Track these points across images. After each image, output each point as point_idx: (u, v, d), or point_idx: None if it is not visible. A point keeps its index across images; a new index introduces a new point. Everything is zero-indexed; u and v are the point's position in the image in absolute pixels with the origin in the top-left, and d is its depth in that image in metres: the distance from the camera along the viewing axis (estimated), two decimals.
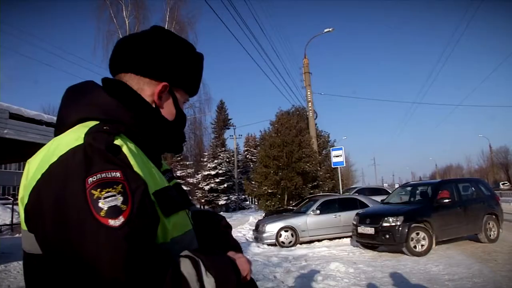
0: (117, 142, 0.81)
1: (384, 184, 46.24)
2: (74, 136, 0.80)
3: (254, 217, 19.05)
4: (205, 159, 38.02)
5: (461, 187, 9.84)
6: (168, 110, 1.02)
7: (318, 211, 11.24)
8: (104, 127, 0.83)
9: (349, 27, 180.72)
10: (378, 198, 12.82)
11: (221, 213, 32.52)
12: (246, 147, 52.86)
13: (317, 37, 24.07)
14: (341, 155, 17.22)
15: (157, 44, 1.00)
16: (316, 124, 23.10)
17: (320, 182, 19.98)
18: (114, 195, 0.74)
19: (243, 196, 41.13)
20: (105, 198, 0.73)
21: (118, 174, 0.76)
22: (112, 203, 0.73)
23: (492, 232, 9.36)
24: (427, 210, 8.73)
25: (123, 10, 22.19)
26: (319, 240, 11.15)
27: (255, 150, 44.76)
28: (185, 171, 34.55)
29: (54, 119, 8.92)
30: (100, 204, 0.72)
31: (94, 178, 0.74)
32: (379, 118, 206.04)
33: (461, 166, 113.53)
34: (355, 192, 17.40)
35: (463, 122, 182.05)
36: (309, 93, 22.40)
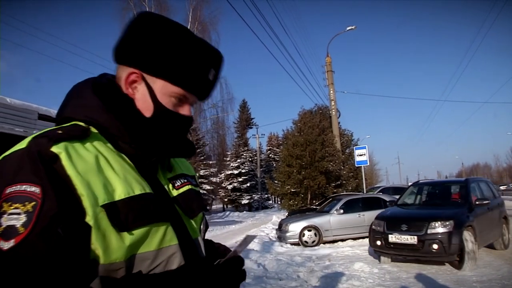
0: (56, 149, 0.74)
1: (409, 183, 45.45)
2: (27, 139, 0.76)
3: (277, 216, 19.06)
4: (228, 159, 38.22)
5: (483, 187, 8.61)
6: (142, 103, 0.89)
7: (341, 211, 11.16)
8: (58, 131, 0.78)
9: (372, 25, 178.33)
10: None
11: (244, 212, 32.68)
12: (269, 146, 52.85)
13: (339, 35, 23.83)
14: (364, 154, 17.01)
15: (132, 28, 0.90)
16: (339, 122, 22.89)
17: (344, 181, 19.80)
18: (19, 213, 0.66)
19: (266, 195, 41.17)
20: (9, 214, 0.66)
21: (37, 190, 0.68)
22: (12, 222, 0.65)
23: (505, 237, 8.51)
24: (468, 213, 7.17)
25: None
26: (342, 240, 11.07)
27: (277, 149, 44.71)
28: (208, 170, 34.78)
29: None
30: (1, 220, 0.65)
31: (13, 188, 0.68)
32: (403, 116, 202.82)
33: (488, 165, 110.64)
34: (379, 191, 17.15)
35: (491, 119, 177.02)
36: (332, 91, 22.20)
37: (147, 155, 0.91)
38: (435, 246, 6.53)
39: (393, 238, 7.05)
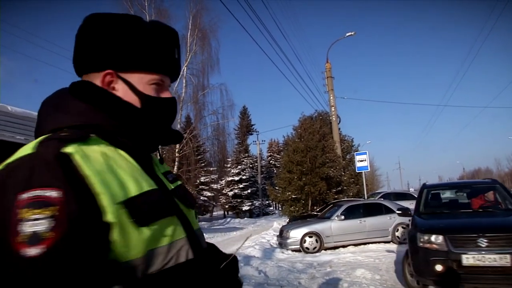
0: (69, 149, 0.73)
1: (410, 189, 45.24)
2: (30, 145, 0.74)
3: (278, 223, 19.00)
4: (228, 165, 38.19)
5: None
6: (128, 99, 0.90)
7: (342, 217, 11.12)
8: (62, 134, 0.76)
9: (371, 30, 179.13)
10: (404, 203, 12.58)
11: (245, 218, 32.61)
12: (270, 152, 52.86)
13: (339, 41, 23.92)
14: (365, 160, 17.00)
15: (86, 33, 0.90)
16: (339, 128, 22.91)
17: (345, 187, 19.78)
18: (41, 219, 0.64)
19: (267, 202, 41.12)
20: (31, 220, 0.63)
21: (57, 194, 0.66)
22: (36, 228, 0.63)
23: None
24: None
25: (147, 20, 22.55)
26: (344, 246, 11.02)
27: (278, 156, 44.77)
28: (208, 177, 34.78)
29: None
30: (22, 227, 0.63)
31: (29, 194, 0.65)
32: (404, 121, 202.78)
33: (490, 170, 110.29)
34: (380, 197, 17.14)
35: (492, 124, 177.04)
36: (332, 97, 22.24)
37: (146, 146, 0.94)
38: None
39: (469, 259, 4.73)
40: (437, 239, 5.04)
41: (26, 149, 0.73)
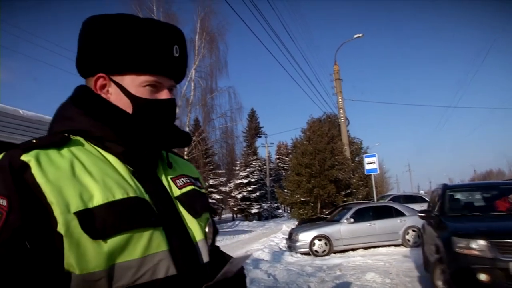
0: (27, 157, 0.73)
1: (421, 191, 44.82)
2: (1, 154, 0.76)
3: (287, 226, 18.97)
4: (237, 168, 38.22)
5: None
6: (119, 102, 0.88)
7: (352, 219, 11.05)
8: (34, 140, 0.77)
9: (380, 32, 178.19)
10: (414, 206, 12.48)
11: (254, 221, 32.60)
12: (278, 155, 52.79)
13: (347, 43, 23.87)
14: (374, 162, 16.93)
15: (81, 39, 0.91)
16: (348, 131, 22.83)
17: (354, 190, 19.67)
18: None
19: (276, 205, 41.08)
20: None
21: (2, 202, 0.68)
22: None
23: None
24: None
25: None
26: (353, 249, 10.96)
27: (287, 158, 44.71)
28: (217, 179, 34.85)
29: None
30: None
31: None
32: (413, 123, 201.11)
33: (502, 171, 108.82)
34: (390, 200, 17.03)
35: (502, 125, 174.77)
36: (340, 99, 22.18)
37: (139, 149, 0.88)
38: None
39: None
40: (478, 245, 4.46)
41: None
